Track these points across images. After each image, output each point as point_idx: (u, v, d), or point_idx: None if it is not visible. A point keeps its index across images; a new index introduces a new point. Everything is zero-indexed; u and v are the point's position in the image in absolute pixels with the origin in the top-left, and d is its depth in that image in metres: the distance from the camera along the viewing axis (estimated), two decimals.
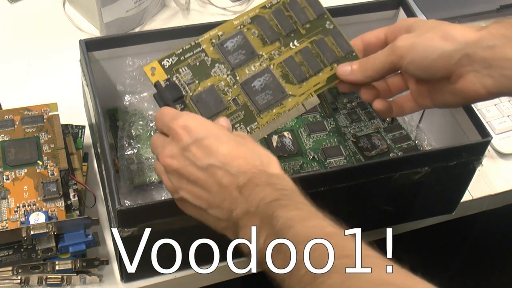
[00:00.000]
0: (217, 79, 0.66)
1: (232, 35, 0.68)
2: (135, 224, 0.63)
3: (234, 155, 0.55)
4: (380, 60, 0.65)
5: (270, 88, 0.66)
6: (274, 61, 0.68)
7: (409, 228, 0.82)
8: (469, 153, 0.71)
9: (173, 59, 0.66)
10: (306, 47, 0.69)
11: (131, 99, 0.78)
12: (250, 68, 0.67)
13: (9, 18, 0.96)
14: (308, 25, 0.70)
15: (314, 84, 0.68)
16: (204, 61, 0.66)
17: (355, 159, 0.78)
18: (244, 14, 0.69)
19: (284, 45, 0.69)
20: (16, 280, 0.67)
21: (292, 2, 0.70)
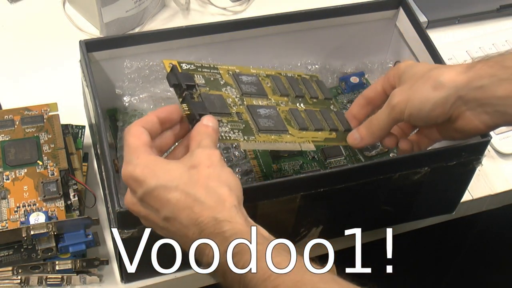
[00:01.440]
0: (227, 95, 0.66)
1: (248, 74, 0.70)
2: (135, 225, 0.63)
3: (182, 205, 0.54)
4: (383, 120, 0.67)
5: (273, 119, 0.67)
6: (280, 107, 0.69)
7: (409, 228, 0.82)
8: (469, 153, 0.71)
9: (191, 66, 0.66)
10: (312, 110, 0.72)
11: (131, 99, 0.78)
12: (258, 101, 0.68)
13: (9, 18, 0.96)
14: (315, 100, 0.73)
15: (313, 136, 0.70)
16: (218, 80, 0.67)
17: (355, 159, 0.78)
18: (262, 70, 0.71)
19: (292, 102, 0.71)
20: (16, 280, 0.67)
21: (305, 80, 0.74)
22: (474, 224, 0.98)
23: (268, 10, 0.81)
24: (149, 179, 0.55)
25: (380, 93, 0.70)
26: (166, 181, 0.55)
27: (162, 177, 0.55)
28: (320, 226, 0.73)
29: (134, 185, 0.56)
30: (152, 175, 0.55)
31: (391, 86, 0.69)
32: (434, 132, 0.69)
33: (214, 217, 0.53)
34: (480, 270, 1.15)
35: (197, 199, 0.54)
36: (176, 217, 0.54)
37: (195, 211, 0.54)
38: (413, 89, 0.65)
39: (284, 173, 0.76)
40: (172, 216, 0.55)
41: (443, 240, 1.01)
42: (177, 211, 0.54)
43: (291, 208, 0.68)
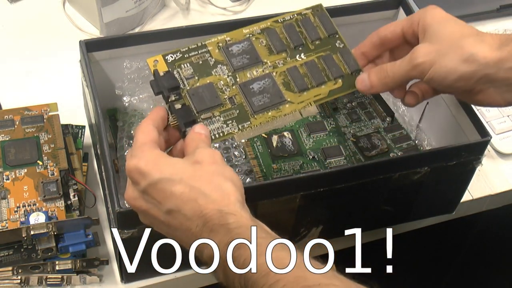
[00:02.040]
0: (217, 78, 0.66)
1: (240, 41, 0.68)
2: (135, 225, 0.63)
3: (186, 198, 0.54)
4: (400, 75, 0.65)
5: (268, 92, 0.66)
6: (277, 69, 0.68)
7: (409, 228, 0.82)
8: (469, 152, 0.71)
9: (177, 55, 0.65)
10: (312, 61, 0.69)
11: (131, 99, 0.78)
12: (252, 72, 0.67)
13: (9, 18, 0.96)
14: (318, 42, 0.70)
15: (314, 94, 0.68)
16: (207, 60, 0.66)
17: (355, 159, 0.78)
18: (255, 25, 0.69)
19: (290, 57, 0.69)
20: (16, 280, 0.67)
21: (305, 19, 0.71)
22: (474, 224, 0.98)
23: (268, 10, 0.81)
24: (153, 171, 0.55)
25: (399, 36, 0.67)
26: (170, 174, 0.55)
27: (167, 170, 0.55)
28: (320, 226, 0.73)
29: (138, 177, 0.56)
30: (157, 168, 0.55)
31: (414, 33, 0.66)
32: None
33: (219, 209, 0.53)
34: (480, 270, 1.15)
35: (202, 192, 0.54)
36: (179, 210, 0.54)
37: (199, 203, 0.54)
38: (441, 55, 0.62)
39: (284, 173, 0.76)
40: (175, 208, 0.54)
41: (443, 240, 1.01)
42: (181, 204, 0.54)
43: (291, 208, 0.68)
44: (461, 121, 0.74)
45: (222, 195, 0.54)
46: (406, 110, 0.84)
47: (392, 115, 0.83)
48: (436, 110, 0.79)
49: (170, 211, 0.55)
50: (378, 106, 0.84)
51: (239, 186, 0.56)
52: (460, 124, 0.75)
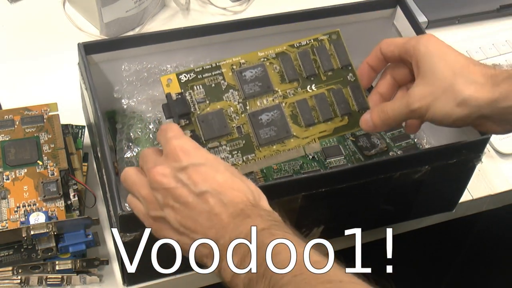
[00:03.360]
0: (228, 104, 0.66)
1: (253, 66, 0.68)
2: (137, 228, 0.63)
3: (229, 185, 0.55)
4: (401, 116, 0.66)
5: (276, 124, 0.67)
6: (287, 100, 0.68)
7: (409, 227, 0.82)
8: (469, 150, 0.71)
9: (191, 75, 0.66)
10: (323, 94, 0.70)
11: (129, 102, 0.78)
12: (262, 101, 0.68)
13: (9, 18, 0.96)
14: (330, 73, 0.71)
15: (320, 130, 0.69)
16: (220, 84, 0.67)
17: (354, 159, 0.78)
18: (271, 48, 0.69)
19: (302, 87, 0.69)
20: (16, 280, 0.67)
21: (320, 47, 0.71)
22: (474, 224, 0.98)
23: (268, 10, 0.81)
24: (199, 154, 0.57)
25: (397, 58, 0.68)
26: (215, 162, 0.57)
27: (210, 157, 0.57)
28: (321, 226, 0.73)
29: (181, 155, 0.56)
30: (202, 153, 0.57)
31: (409, 61, 0.67)
32: None
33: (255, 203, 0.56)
34: (480, 270, 1.15)
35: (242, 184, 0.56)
36: (218, 194, 0.55)
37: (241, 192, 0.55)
38: (436, 98, 0.63)
39: (284, 173, 0.76)
40: (213, 192, 0.55)
41: (443, 240, 1.01)
42: (223, 189, 0.55)
43: (292, 208, 0.68)
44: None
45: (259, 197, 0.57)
46: None
47: None
48: None
49: (204, 192, 0.55)
50: None
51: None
52: None
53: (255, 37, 0.79)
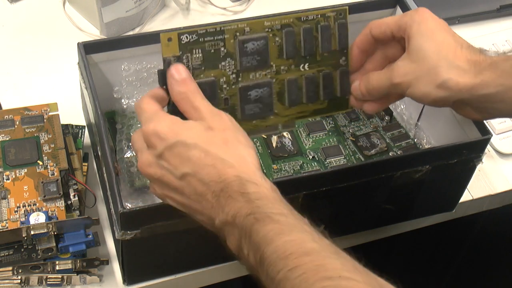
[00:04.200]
0: (222, 73, 0.65)
1: (257, 37, 0.67)
2: (138, 226, 0.63)
3: (203, 162, 0.54)
4: (383, 88, 0.67)
5: (262, 102, 0.67)
6: (279, 76, 0.68)
7: (410, 227, 0.82)
8: (470, 150, 0.71)
9: (193, 37, 0.64)
10: (314, 76, 0.70)
11: (129, 102, 0.78)
12: (255, 75, 0.67)
13: (9, 18, 0.96)
14: (326, 54, 0.70)
15: (300, 111, 0.69)
16: (219, 50, 0.65)
17: (354, 158, 0.78)
18: (278, 18, 0.68)
19: (296, 65, 0.69)
20: (16, 280, 0.67)
21: (325, 25, 0.70)
22: (474, 224, 0.98)
23: (268, 10, 0.81)
24: (170, 135, 0.55)
25: (389, 37, 0.68)
26: (186, 137, 0.55)
27: (183, 134, 0.55)
28: (321, 226, 0.73)
29: (155, 141, 0.56)
30: (173, 131, 0.55)
31: (402, 37, 0.67)
32: None
33: (238, 176, 0.53)
34: (480, 270, 1.15)
35: (218, 156, 0.54)
36: (195, 174, 0.54)
37: (217, 167, 0.53)
38: (417, 78, 0.64)
39: (284, 173, 0.76)
40: (191, 172, 0.54)
41: (443, 240, 1.01)
42: (198, 168, 0.54)
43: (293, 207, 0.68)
44: (461, 119, 0.74)
45: (240, 160, 0.54)
46: (405, 109, 0.84)
47: (390, 114, 0.83)
48: (435, 109, 0.79)
49: (185, 175, 0.54)
50: None
51: (255, 151, 0.56)
52: (459, 122, 0.75)
53: None
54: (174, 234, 0.65)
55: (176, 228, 0.64)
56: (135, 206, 0.71)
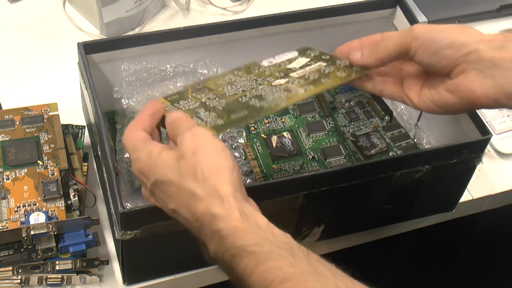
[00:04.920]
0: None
1: None
2: (138, 226, 0.63)
3: (179, 201, 0.54)
4: (393, 41, 0.64)
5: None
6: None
7: (409, 227, 0.82)
8: (470, 150, 0.71)
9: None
10: None
11: (129, 102, 0.78)
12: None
13: (9, 18, 0.96)
14: None
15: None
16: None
17: (354, 158, 0.78)
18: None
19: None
20: (16, 280, 0.67)
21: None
22: (474, 224, 0.98)
23: (268, 10, 0.81)
24: (150, 173, 0.56)
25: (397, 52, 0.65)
26: (161, 175, 0.55)
27: (158, 171, 0.55)
28: (322, 226, 0.73)
29: (143, 179, 0.57)
30: (152, 169, 0.56)
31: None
32: (417, 87, 0.66)
33: (208, 211, 0.52)
34: (480, 270, 1.15)
35: (190, 191, 0.53)
36: (179, 210, 0.55)
37: (190, 205, 0.54)
38: (438, 26, 0.62)
39: (284, 173, 0.76)
40: (176, 208, 0.55)
41: (443, 240, 1.01)
42: (177, 206, 0.55)
43: (293, 207, 0.68)
44: (461, 119, 0.74)
45: (210, 191, 0.53)
46: (405, 109, 0.84)
47: (390, 114, 0.83)
48: None
49: (173, 210, 0.56)
50: (377, 105, 0.84)
51: (228, 172, 0.54)
52: (459, 122, 0.75)
53: (255, 37, 0.79)
54: (174, 234, 0.65)
55: (176, 228, 0.64)
56: (135, 206, 0.71)
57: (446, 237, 1.00)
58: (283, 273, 0.49)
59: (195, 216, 0.53)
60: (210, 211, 0.52)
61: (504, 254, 1.12)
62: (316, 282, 0.48)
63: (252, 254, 0.50)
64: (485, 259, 1.12)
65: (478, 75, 0.61)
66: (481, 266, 1.13)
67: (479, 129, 0.72)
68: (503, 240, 1.07)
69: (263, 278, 0.49)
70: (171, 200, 0.55)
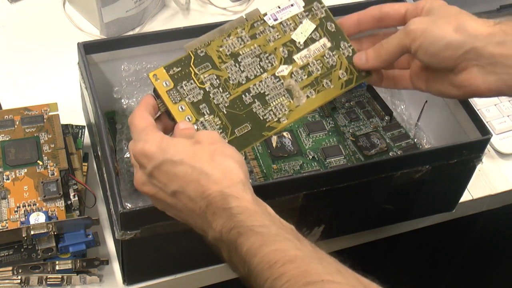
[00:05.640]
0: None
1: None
2: (138, 226, 0.63)
3: (189, 179, 0.55)
4: (393, 43, 0.65)
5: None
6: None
7: (409, 227, 0.82)
8: (470, 150, 0.71)
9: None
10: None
11: (129, 102, 0.78)
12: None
13: (9, 18, 0.96)
14: None
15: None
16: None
17: (354, 158, 0.78)
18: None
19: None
20: (16, 280, 0.67)
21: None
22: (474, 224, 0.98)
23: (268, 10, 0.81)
24: (157, 154, 0.56)
25: (401, 16, 0.67)
26: (172, 155, 0.55)
27: (169, 151, 0.56)
28: (322, 225, 0.73)
29: (144, 160, 0.57)
30: (160, 150, 0.56)
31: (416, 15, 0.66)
32: (423, 78, 0.67)
33: (221, 191, 0.53)
34: (480, 270, 1.15)
35: (203, 172, 0.54)
36: (183, 191, 0.55)
37: (202, 183, 0.54)
38: (434, 23, 0.62)
39: (284, 173, 0.76)
40: (179, 189, 0.55)
41: (443, 240, 1.01)
42: (185, 184, 0.55)
43: (293, 207, 0.68)
44: (461, 119, 0.74)
45: (223, 174, 0.54)
46: (405, 109, 0.84)
47: (390, 114, 0.83)
48: (435, 109, 0.79)
49: (174, 192, 0.55)
50: (377, 105, 0.84)
51: (241, 164, 0.56)
52: (459, 122, 0.75)
53: None
54: (174, 234, 0.65)
55: (176, 228, 0.64)
56: (135, 206, 0.71)
57: (446, 237, 1.00)
58: (287, 255, 0.49)
59: (204, 194, 0.54)
60: (223, 191, 0.53)
61: (504, 254, 1.12)
62: (319, 265, 0.49)
63: (259, 234, 0.51)
64: (485, 259, 1.12)
65: (479, 72, 0.62)
66: (481, 266, 1.13)
67: (479, 129, 0.72)
68: (503, 240, 1.07)
69: (268, 259, 0.49)
70: (175, 180, 0.55)
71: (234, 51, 0.66)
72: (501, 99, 0.89)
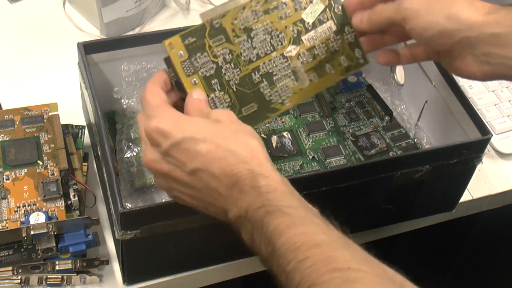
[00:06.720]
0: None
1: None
2: (138, 226, 0.63)
3: (214, 156, 0.53)
4: (386, 14, 0.64)
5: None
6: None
7: (409, 227, 0.82)
8: (470, 150, 0.71)
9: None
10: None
11: (129, 102, 0.78)
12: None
13: (9, 18, 0.96)
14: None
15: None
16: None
17: (354, 158, 0.78)
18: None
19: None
20: (16, 280, 0.67)
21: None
22: (474, 224, 0.98)
23: None
24: (176, 131, 0.54)
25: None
26: (193, 133, 0.54)
27: (189, 129, 0.54)
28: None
29: (159, 139, 0.55)
30: (179, 127, 0.55)
31: None
32: (423, 54, 0.67)
33: (250, 169, 0.52)
34: (480, 270, 1.15)
35: (229, 150, 0.53)
36: (206, 169, 0.53)
37: (230, 161, 0.53)
38: (428, 7, 0.61)
39: (284, 173, 0.76)
40: (202, 167, 0.53)
41: (443, 240, 1.01)
42: (208, 162, 0.53)
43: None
44: (461, 119, 0.74)
45: (251, 153, 0.53)
46: (405, 109, 0.84)
47: (390, 114, 0.83)
48: (435, 109, 0.79)
49: (195, 170, 0.54)
50: (377, 105, 0.84)
51: (263, 144, 0.55)
52: (459, 122, 0.75)
53: None
54: (174, 234, 0.65)
55: (176, 228, 0.64)
56: (135, 206, 0.71)
57: (446, 237, 1.00)
58: (313, 239, 0.49)
59: (232, 172, 0.53)
60: (253, 169, 0.53)
61: (504, 254, 1.12)
62: (346, 251, 0.49)
63: (288, 215, 0.51)
64: (485, 259, 1.12)
65: (474, 61, 0.62)
66: (481, 266, 1.13)
67: (479, 129, 0.72)
68: (503, 240, 1.07)
69: (294, 241, 0.49)
70: (196, 158, 0.53)
71: (248, 26, 0.64)
72: (501, 99, 0.89)
